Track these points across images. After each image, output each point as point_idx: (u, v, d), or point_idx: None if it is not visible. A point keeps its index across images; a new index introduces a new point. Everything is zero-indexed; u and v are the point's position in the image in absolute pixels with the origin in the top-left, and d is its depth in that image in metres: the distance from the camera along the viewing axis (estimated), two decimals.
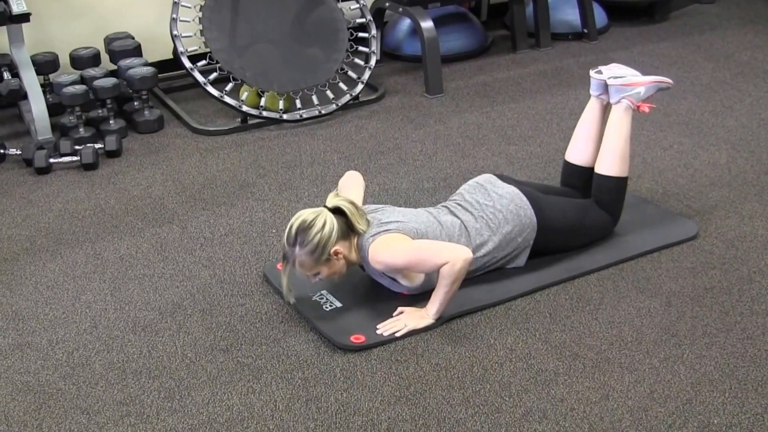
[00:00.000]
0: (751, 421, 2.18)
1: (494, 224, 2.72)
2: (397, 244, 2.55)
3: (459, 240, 2.66)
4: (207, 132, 4.01)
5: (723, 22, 5.27)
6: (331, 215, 2.54)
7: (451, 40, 4.74)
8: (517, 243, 2.75)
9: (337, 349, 2.49)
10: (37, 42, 4.18)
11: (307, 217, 2.53)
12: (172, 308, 2.71)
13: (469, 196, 2.80)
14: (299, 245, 2.51)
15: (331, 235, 2.51)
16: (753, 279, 2.76)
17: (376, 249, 2.54)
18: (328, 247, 2.52)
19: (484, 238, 2.70)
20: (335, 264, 2.57)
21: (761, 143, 3.68)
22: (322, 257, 2.52)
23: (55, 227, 3.23)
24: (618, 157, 2.90)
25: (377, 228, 2.59)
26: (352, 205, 2.59)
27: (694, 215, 3.14)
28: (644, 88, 2.93)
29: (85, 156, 3.65)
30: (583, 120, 3.04)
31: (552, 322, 2.59)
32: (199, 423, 2.23)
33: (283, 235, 2.56)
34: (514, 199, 2.76)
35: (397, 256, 2.53)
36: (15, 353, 2.53)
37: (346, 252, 2.58)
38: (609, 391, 2.30)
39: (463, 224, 2.70)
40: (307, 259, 2.52)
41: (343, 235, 2.56)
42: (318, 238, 2.50)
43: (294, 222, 2.54)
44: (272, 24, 4.11)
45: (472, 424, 2.20)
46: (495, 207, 2.74)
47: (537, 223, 2.76)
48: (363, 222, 2.60)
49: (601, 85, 2.98)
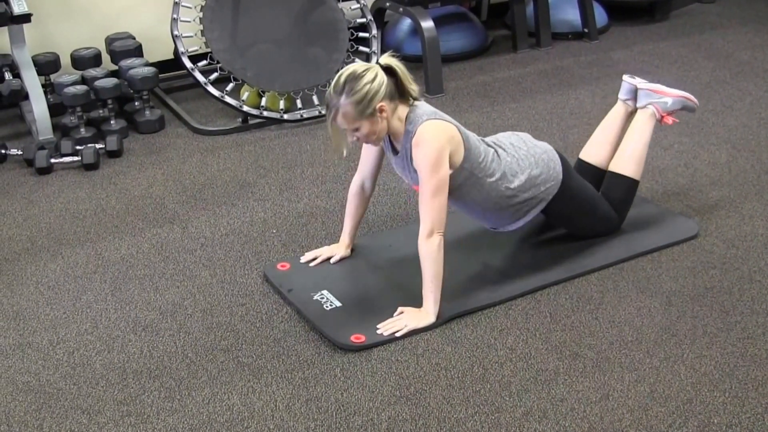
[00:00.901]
0: (751, 420, 2.19)
1: (524, 164, 2.73)
2: (443, 149, 2.51)
3: (492, 161, 2.67)
4: (208, 132, 4.01)
5: (723, 21, 5.27)
6: (382, 71, 2.51)
7: (452, 40, 4.75)
8: (539, 191, 2.75)
9: (338, 349, 2.49)
10: (39, 42, 4.18)
11: (358, 69, 2.50)
12: (172, 308, 2.72)
13: (505, 139, 2.81)
14: (346, 94, 2.47)
15: (380, 89, 2.48)
16: (753, 278, 2.76)
17: (426, 131, 2.51)
18: (375, 101, 2.48)
19: (513, 171, 2.71)
20: (377, 122, 2.52)
21: (762, 142, 3.68)
22: (367, 110, 2.48)
23: (56, 227, 3.24)
24: (634, 159, 2.94)
25: (435, 111, 2.58)
26: (404, 68, 2.56)
27: (694, 215, 3.14)
28: (672, 100, 3.00)
29: (86, 156, 3.65)
30: (605, 122, 3.09)
31: (552, 321, 2.59)
32: (199, 423, 2.24)
33: (329, 86, 2.52)
34: (547, 151, 2.80)
35: (429, 159, 2.49)
36: (16, 353, 2.53)
37: (390, 114, 2.55)
38: (609, 390, 2.30)
39: (497, 153, 2.71)
40: (351, 110, 2.48)
41: (390, 95, 2.53)
42: (367, 89, 2.46)
43: (344, 72, 2.51)
44: (273, 24, 4.11)
45: (473, 424, 2.20)
46: (528, 152, 2.76)
47: (562, 180, 2.78)
48: (412, 90, 2.57)
49: (632, 89, 3.04)
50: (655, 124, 3.01)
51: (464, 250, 2.90)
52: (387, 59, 2.56)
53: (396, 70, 2.54)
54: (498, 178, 2.68)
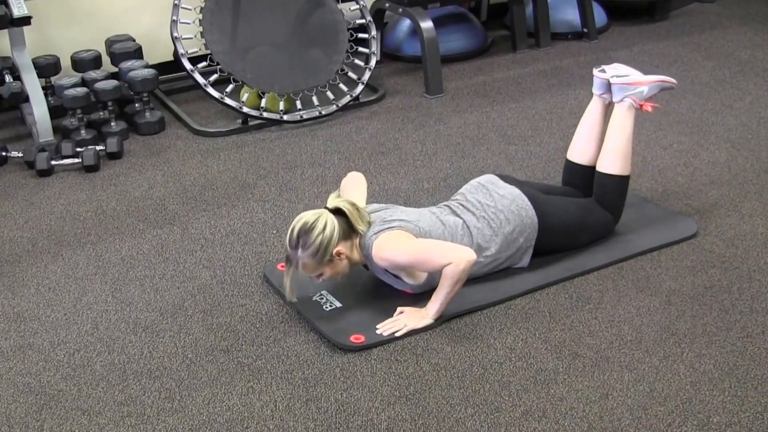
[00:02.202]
0: (750, 419, 2.19)
1: (495, 224, 2.72)
2: (400, 241, 2.56)
3: (462, 240, 2.67)
4: (208, 133, 4.02)
5: (723, 21, 5.27)
6: (332, 216, 2.55)
7: (451, 41, 4.75)
8: (519, 243, 2.75)
9: (337, 349, 2.50)
10: (39, 45, 4.19)
11: (309, 219, 2.54)
12: (172, 309, 2.72)
13: (471, 197, 2.80)
14: (302, 248, 2.52)
15: (332, 237, 2.52)
16: (753, 277, 2.76)
17: (380, 246, 2.55)
18: (330, 249, 2.53)
19: (486, 238, 2.71)
20: (338, 264, 2.58)
21: (761, 142, 3.68)
22: (325, 258, 2.53)
23: (57, 229, 3.24)
24: (620, 156, 2.91)
25: (380, 225, 2.60)
26: (352, 206, 2.60)
27: (693, 214, 3.14)
28: (647, 87, 2.93)
29: (86, 158, 3.66)
30: (584, 119, 3.04)
31: (552, 321, 2.59)
32: (199, 423, 2.24)
33: (285, 238, 2.57)
34: (515, 199, 2.77)
35: (401, 254, 2.55)
36: (17, 355, 2.54)
37: (348, 252, 2.59)
38: (609, 390, 2.30)
39: (465, 224, 2.71)
40: (310, 261, 2.53)
41: (344, 235, 2.57)
42: (320, 240, 2.51)
43: (296, 224, 2.55)
44: (272, 25, 4.12)
45: (472, 424, 2.20)
46: (497, 207, 2.74)
47: (538, 223, 2.76)
48: (363, 222, 2.61)
49: (604, 84, 2.98)
50: (635, 115, 2.94)
51: None
52: (334, 201, 2.59)
53: (344, 211, 2.57)
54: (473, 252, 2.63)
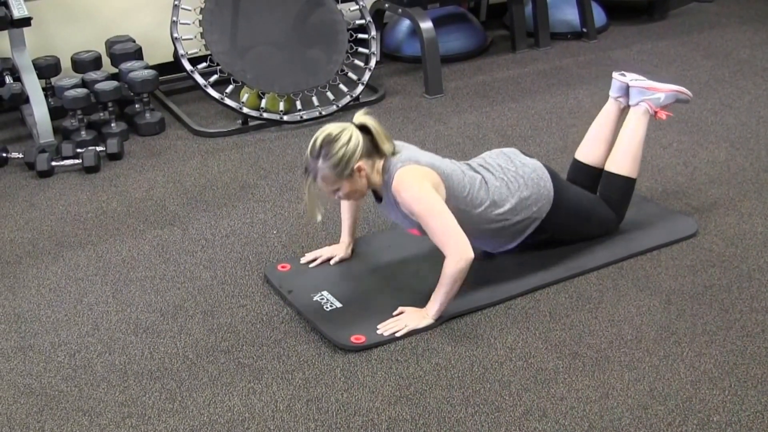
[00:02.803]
0: (750, 418, 2.19)
1: (513, 187, 2.72)
2: (424, 185, 2.52)
3: (479, 192, 2.66)
4: (208, 134, 4.02)
5: (722, 20, 5.27)
6: (357, 131, 2.53)
7: (451, 41, 4.75)
8: (531, 212, 2.74)
9: (338, 350, 2.50)
10: (39, 46, 4.19)
11: (333, 131, 2.51)
12: (173, 310, 2.73)
13: (492, 160, 2.80)
14: (323, 158, 2.49)
15: (356, 150, 2.49)
16: (752, 276, 2.76)
17: (402, 177, 2.52)
18: (352, 162, 2.50)
19: (502, 196, 2.70)
20: (357, 182, 2.54)
21: (760, 141, 3.69)
22: (345, 172, 2.50)
23: (57, 230, 3.25)
24: (630, 157, 2.93)
25: (409, 155, 2.58)
26: (378, 125, 2.57)
27: (693, 213, 3.14)
28: (664, 95, 2.98)
29: (86, 159, 3.66)
30: (598, 120, 3.07)
31: (552, 321, 2.59)
32: (200, 424, 2.24)
33: (307, 148, 2.54)
34: (536, 169, 2.78)
35: (416, 200, 2.51)
36: (17, 356, 2.54)
37: (369, 171, 2.56)
38: (609, 389, 2.31)
39: (484, 179, 2.70)
40: (329, 173, 2.50)
41: (367, 153, 2.54)
42: (343, 152, 2.48)
43: (319, 135, 2.52)
44: (272, 26, 4.12)
45: (473, 424, 2.21)
46: (517, 172, 2.75)
47: (553, 197, 2.76)
48: (388, 144, 2.58)
49: (623, 87, 3.02)
50: (649, 120, 2.99)
51: None
52: (361, 117, 2.57)
53: (370, 128, 2.55)
54: (487, 207, 2.66)
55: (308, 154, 2.53)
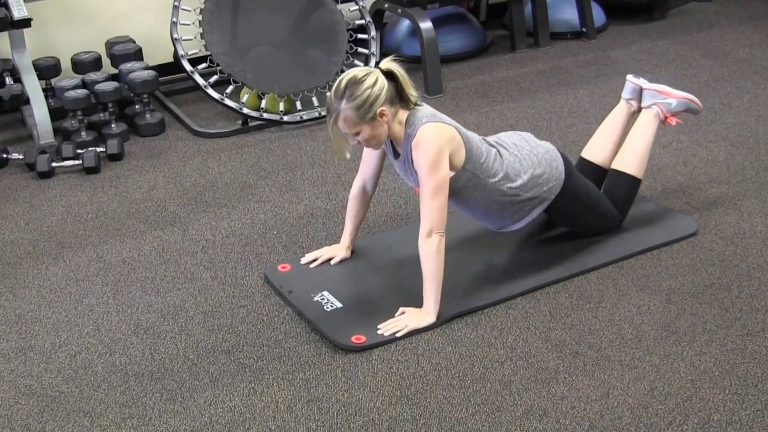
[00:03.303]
0: (751, 417, 2.19)
1: (527, 163, 2.73)
2: (442, 150, 2.52)
3: (494, 162, 2.67)
4: (208, 134, 4.02)
5: (721, 19, 5.27)
6: (383, 76, 2.53)
7: (450, 41, 4.75)
8: (541, 190, 2.75)
9: (338, 350, 2.50)
10: (39, 47, 4.20)
11: (359, 73, 2.52)
12: (173, 310, 2.73)
13: (507, 139, 2.82)
14: (347, 99, 2.48)
15: (380, 94, 2.49)
16: (752, 275, 2.77)
17: (426, 134, 2.52)
18: (376, 106, 2.49)
19: (515, 170, 2.71)
20: (378, 126, 2.54)
21: (760, 140, 3.69)
22: (368, 115, 2.50)
23: (58, 231, 3.25)
24: (638, 158, 2.95)
25: (434, 113, 2.59)
26: (404, 73, 2.57)
27: (693, 212, 3.14)
28: (676, 101, 3.02)
29: (87, 160, 3.67)
30: (607, 121, 3.09)
31: (552, 320, 2.60)
32: (201, 425, 2.25)
33: (331, 91, 2.54)
34: (550, 151, 2.80)
35: (429, 161, 2.50)
36: (18, 357, 2.54)
37: (391, 119, 2.56)
38: (609, 388, 2.31)
39: (499, 153, 2.72)
40: (352, 114, 2.50)
41: (391, 100, 2.54)
42: (368, 94, 2.48)
43: (344, 77, 2.52)
44: (272, 26, 4.12)
45: (473, 423, 2.21)
46: (531, 151, 2.77)
47: (564, 180, 2.78)
48: (413, 95, 2.58)
49: (636, 90, 3.06)
50: (658, 125, 3.02)
51: (464, 249, 2.91)
52: (388, 64, 2.57)
53: (396, 74, 2.55)
54: (501, 178, 2.68)
55: (332, 95, 2.53)
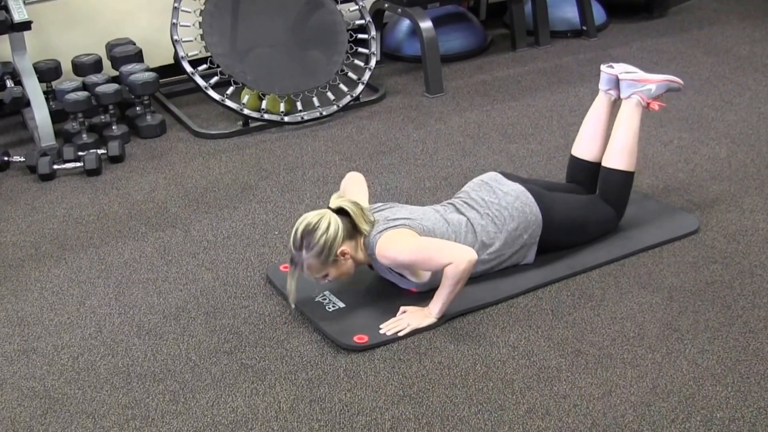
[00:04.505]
0: (754, 414, 2.19)
1: (500, 221, 2.72)
2: (403, 239, 2.57)
3: (465, 237, 2.67)
4: (209, 136, 4.02)
5: (722, 16, 5.27)
6: (336, 216, 2.56)
7: (451, 40, 4.75)
8: (523, 240, 2.76)
9: (341, 350, 2.50)
10: (39, 49, 4.20)
11: (312, 220, 2.54)
12: (176, 311, 2.73)
13: (475, 194, 2.81)
14: (306, 248, 2.52)
15: (336, 236, 2.52)
16: (754, 273, 2.76)
17: (383, 245, 2.56)
18: (335, 248, 2.53)
19: (490, 235, 2.71)
20: (343, 265, 2.58)
21: (761, 137, 3.69)
22: (329, 258, 2.54)
23: (60, 233, 3.25)
24: (626, 152, 2.92)
25: (384, 224, 2.61)
26: (354, 206, 2.60)
27: (695, 210, 3.14)
28: (655, 86, 2.96)
29: (88, 162, 3.67)
30: (590, 115, 3.06)
31: (554, 318, 2.60)
32: (203, 425, 2.25)
33: (289, 240, 2.57)
34: (519, 196, 2.77)
35: (403, 252, 2.55)
36: (21, 359, 2.54)
37: (353, 252, 2.59)
38: (612, 386, 2.31)
39: (470, 221, 2.72)
40: (314, 262, 2.53)
41: (348, 235, 2.57)
42: (324, 240, 2.51)
43: (299, 226, 2.55)
44: (272, 27, 4.12)
45: (476, 422, 2.21)
46: (500, 204, 2.75)
47: (542, 220, 2.76)
48: (367, 222, 2.61)
49: (612, 80, 3.00)
50: (642, 112, 2.97)
51: None
52: (337, 201, 2.60)
53: (348, 210, 2.57)
54: (477, 249, 2.65)
55: (291, 246, 2.56)
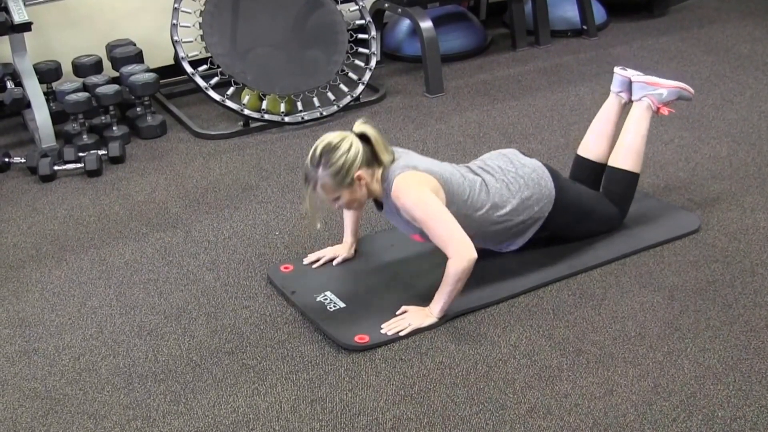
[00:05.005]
0: (755, 413, 2.19)
1: (514, 188, 2.72)
2: (422, 192, 2.53)
3: (479, 195, 2.66)
4: (209, 136, 4.02)
5: (722, 15, 5.27)
6: (357, 140, 2.53)
7: (451, 40, 4.75)
8: (533, 212, 2.75)
9: (342, 350, 2.50)
10: (40, 51, 4.20)
11: (333, 139, 2.52)
12: (177, 312, 2.73)
13: (492, 162, 2.80)
14: (323, 166, 2.49)
15: (356, 159, 2.50)
16: (756, 271, 2.76)
17: (401, 184, 2.53)
18: (352, 171, 2.50)
19: (503, 198, 2.70)
20: (357, 190, 2.55)
21: (762, 136, 3.68)
22: (345, 180, 2.51)
23: (61, 234, 3.25)
24: (633, 153, 2.94)
25: (407, 162, 2.58)
26: (378, 134, 2.58)
27: (696, 209, 3.14)
28: (667, 91, 2.99)
29: (88, 163, 3.67)
30: (599, 116, 3.07)
31: (555, 318, 2.59)
32: (205, 426, 2.25)
33: (307, 157, 2.54)
34: (536, 169, 2.78)
35: (417, 206, 2.51)
36: (22, 360, 2.54)
37: (369, 180, 2.56)
38: (613, 386, 2.31)
39: (484, 182, 2.71)
40: (329, 181, 2.51)
41: (367, 162, 2.54)
42: (343, 160, 2.48)
43: (319, 144, 2.53)
44: (272, 27, 4.12)
45: (477, 422, 2.21)
46: (517, 173, 2.75)
47: (555, 197, 2.76)
48: (388, 152, 2.59)
49: (624, 82, 3.03)
50: (651, 116, 3.00)
51: None
52: (361, 126, 2.57)
53: (370, 137, 2.56)
54: (488, 208, 2.67)
55: (308, 163, 2.54)
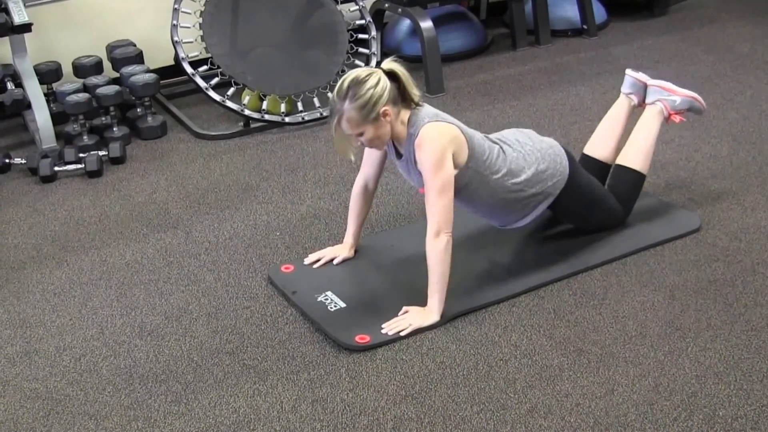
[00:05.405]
0: (756, 412, 2.19)
1: (531, 159, 2.73)
2: (446, 150, 2.52)
3: (497, 159, 2.67)
4: (210, 137, 4.03)
5: (722, 14, 5.26)
6: (386, 76, 2.53)
7: (451, 40, 4.75)
8: (546, 186, 2.75)
9: (342, 350, 2.50)
10: (40, 51, 4.20)
11: (361, 73, 2.52)
12: (177, 312, 2.73)
13: (510, 136, 2.81)
14: (350, 99, 2.48)
15: (383, 93, 2.49)
16: (757, 270, 2.76)
17: (429, 133, 2.52)
18: (379, 106, 2.49)
19: (519, 166, 2.71)
20: (381, 127, 2.53)
21: (762, 135, 3.68)
22: (371, 115, 2.49)
23: (61, 235, 3.25)
24: (642, 153, 2.96)
25: (436, 113, 2.59)
26: (407, 73, 2.57)
27: (696, 208, 3.14)
28: (680, 99, 3.02)
29: (89, 163, 3.67)
30: (608, 116, 3.09)
31: (556, 318, 2.59)
32: (206, 426, 2.25)
33: (334, 91, 2.53)
34: (553, 146, 2.80)
35: (434, 163, 2.50)
36: (23, 360, 2.55)
37: (394, 118, 2.55)
38: (614, 385, 2.31)
39: (502, 150, 2.71)
40: (355, 115, 2.49)
41: (393, 100, 2.53)
42: (370, 94, 2.47)
43: (347, 77, 2.52)
44: (272, 27, 4.13)
45: (478, 421, 2.21)
46: (534, 147, 2.76)
47: (568, 175, 2.77)
48: (416, 93, 2.58)
49: (635, 84, 3.06)
50: (662, 122, 3.02)
51: (467, 247, 2.91)
52: (390, 64, 2.56)
53: (399, 74, 2.55)
54: (504, 174, 2.68)
55: (334, 96, 2.52)
